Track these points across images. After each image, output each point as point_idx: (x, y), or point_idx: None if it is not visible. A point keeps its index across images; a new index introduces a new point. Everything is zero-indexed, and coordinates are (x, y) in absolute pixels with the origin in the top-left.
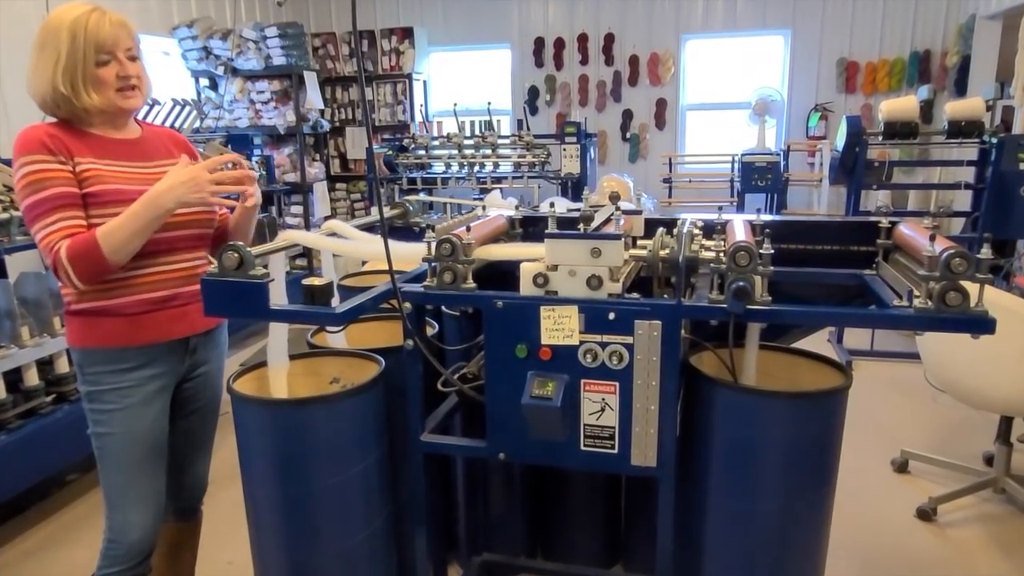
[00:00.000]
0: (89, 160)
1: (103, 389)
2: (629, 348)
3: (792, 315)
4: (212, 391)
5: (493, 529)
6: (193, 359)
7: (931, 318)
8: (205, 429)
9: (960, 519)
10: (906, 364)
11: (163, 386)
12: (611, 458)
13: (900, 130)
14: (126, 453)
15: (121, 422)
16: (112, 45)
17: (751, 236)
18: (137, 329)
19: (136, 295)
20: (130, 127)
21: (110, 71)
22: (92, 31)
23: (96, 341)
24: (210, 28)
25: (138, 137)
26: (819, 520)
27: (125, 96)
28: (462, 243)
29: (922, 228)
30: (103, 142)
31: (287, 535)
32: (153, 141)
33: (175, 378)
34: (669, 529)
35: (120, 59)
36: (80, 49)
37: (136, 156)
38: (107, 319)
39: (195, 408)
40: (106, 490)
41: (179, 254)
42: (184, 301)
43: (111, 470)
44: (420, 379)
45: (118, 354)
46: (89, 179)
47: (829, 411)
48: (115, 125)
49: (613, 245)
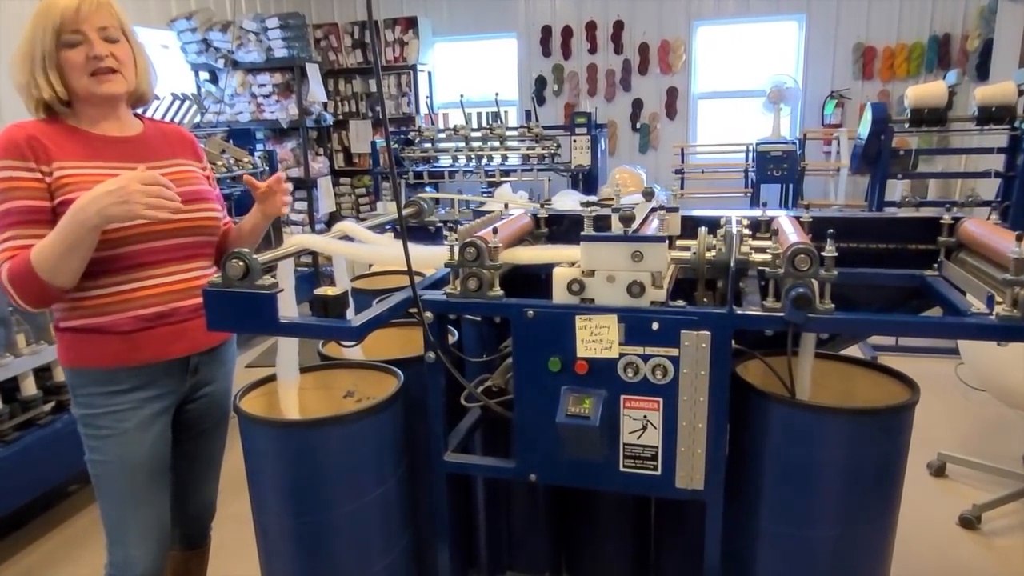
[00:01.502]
0: (71, 164)
1: (96, 412)
2: (674, 361)
3: (859, 324)
4: (218, 412)
5: (516, 546)
6: (195, 379)
7: (1019, 327)
8: (212, 452)
9: (1005, 527)
10: (933, 360)
11: (162, 408)
12: (653, 480)
13: (927, 117)
14: (124, 481)
15: (117, 448)
16: (75, 19)
17: (805, 236)
18: (131, 348)
19: (128, 312)
20: (128, 122)
21: (78, 53)
22: (55, 7)
23: (87, 361)
24: (209, 20)
25: (137, 135)
26: (880, 549)
27: (100, 80)
28: (488, 247)
29: (995, 226)
30: (93, 140)
31: (301, 566)
32: (155, 140)
33: (176, 399)
34: (717, 556)
35: (91, 38)
36: (40, 28)
37: (131, 156)
38: (98, 337)
39: (200, 431)
40: (106, 522)
41: (175, 265)
42: (183, 317)
43: (109, 501)
44: (443, 394)
45: (111, 375)
46: (66, 187)
47: (895, 429)
48: (105, 117)
49: (656, 248)
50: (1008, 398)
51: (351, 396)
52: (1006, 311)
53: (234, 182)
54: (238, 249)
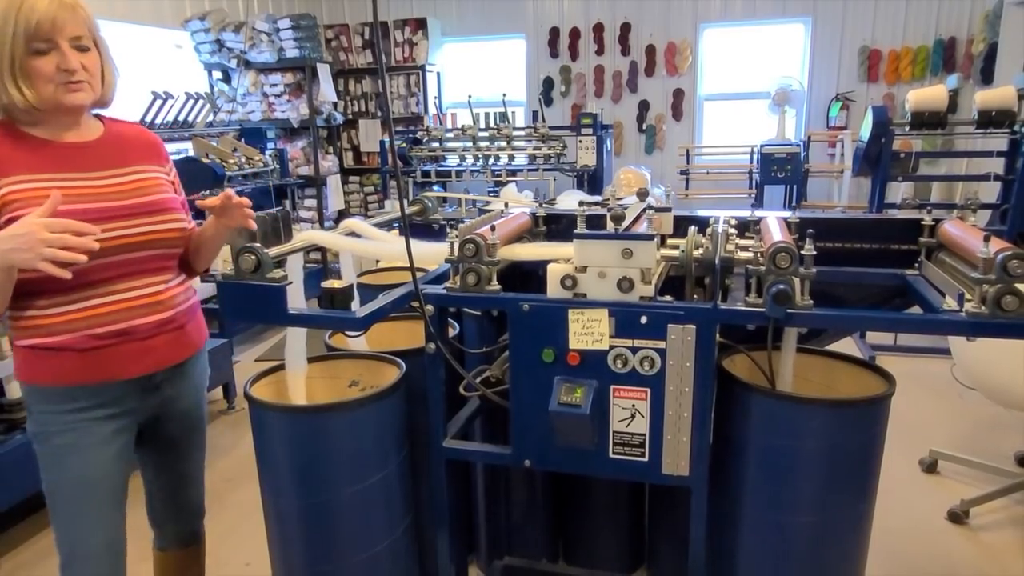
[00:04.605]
0: (21, 177)
1: (52, 431)
2: (661, 353)
3: (835, 320)
4: (190, 428)
5: (514, 532)
6: (160, 396)
7: (985, 323)
8: (189, 465)
9: (993, 522)
10: (930, 359)
11: (122, 427)
12: (641, 466)
13: (928, 120)
14: (80, 501)
15: (73, 467)
16: (51, 31)
17: (788, 235)
18: (89, 366)
19: (86, 330)
20: (87, 126)
21: (48, 62)
22: (25, 12)
23: (43, 378)
24: (223, 20)
25: (96, 139)
26: (858, 534)
27: (68, 90)
28: (486, 243)
29: (971, 227)
30: (48, 148)
31: (308, 546)
32: (116, 145)
33: (139, 418)
34: (701, 540)
35: (63, 49)
36: (8, 35)
37: (89, 164)
38: (55, 355)
39: (175, 444)
40: (59, 544)
41: (137, 279)
42: (146, 334)
43: (63, 521)
44: (442, 384)
45: (68, 393)
46: (13, 203)
47: (871, 420)
48: (66, 127)
49: (645, 246)
50: (997, 396)
51: (356, 385)
52: (975, 308)
53: (245, 180)
54: (249, 244)
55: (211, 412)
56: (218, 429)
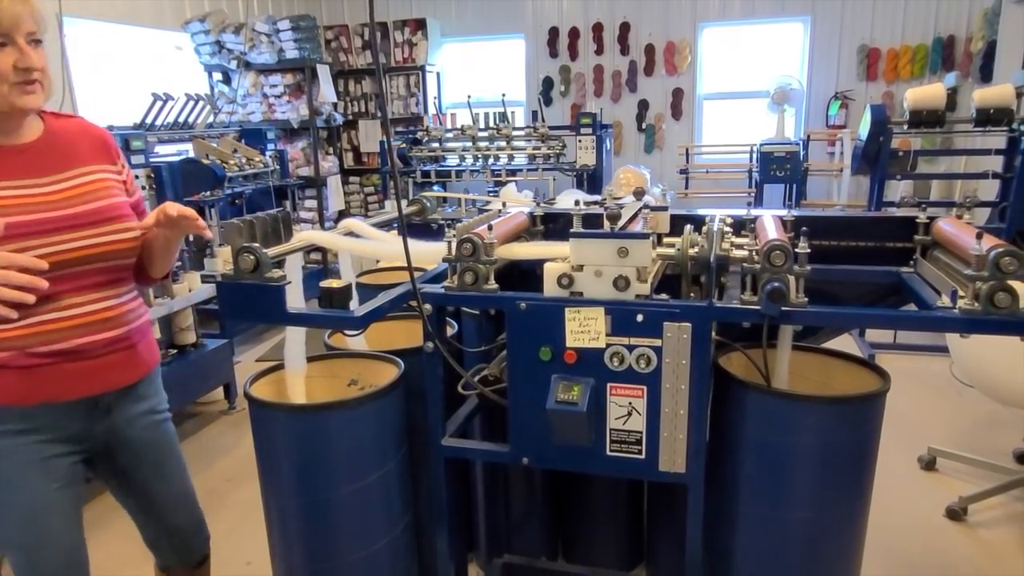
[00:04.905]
0: None
1: None
2: (657, 351)
3: (829, 317)
4: (153, 459)
5: (513, 531)
6: (109, 421)
7: (978, 320)
8: (169, 488)
9: (991, 519)
10: (930, 357)
11: (65, 452)
12: (638, 464)
13: (926, 119)
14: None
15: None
16: (9, 25)
17: (783, 233)
18: (27, 386)
19: (26, 348)
20: (28, 126)
21: (5, 59)
22: None
23: None
24: (222, 22)
25: (37, 140)
26: (853, 530)
27: (23, 91)
28: (484, 243)
29: (965, 224)
30: None
31: (308, 544)
32: (59, 145)
33: (86, 445)
34: (698, 537)
35: (20, 45)
36: None
37: (30, 170)
38: None
39: (132, 477)
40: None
41: (88, 293)
42: (99, 352)
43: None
44: (441, 382)
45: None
46: None
47: (866, 417)
48: (6, 129)
49: (641, 244)
50: (995, 393)
51: (355, 384)
52: (968, 305)
53: (245, 181)
54: (249, 244)
55: (212, 412)
56: (219, 429)
